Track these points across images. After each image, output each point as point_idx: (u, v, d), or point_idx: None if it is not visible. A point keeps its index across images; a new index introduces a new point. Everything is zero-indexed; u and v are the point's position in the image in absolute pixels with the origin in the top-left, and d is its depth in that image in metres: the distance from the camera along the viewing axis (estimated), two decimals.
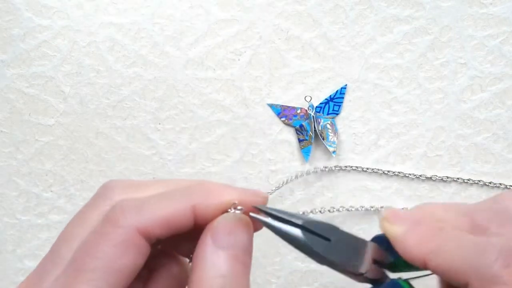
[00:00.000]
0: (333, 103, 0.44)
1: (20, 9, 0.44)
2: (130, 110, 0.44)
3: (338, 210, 0.45)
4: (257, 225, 0.27)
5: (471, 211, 0.27)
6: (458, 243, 0.25)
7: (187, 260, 0.31)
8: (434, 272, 0.25)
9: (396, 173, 0.44)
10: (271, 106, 0.44)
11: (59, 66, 0.44)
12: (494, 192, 0.45)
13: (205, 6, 0.44)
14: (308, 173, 0.44)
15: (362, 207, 0.44)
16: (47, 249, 0.27)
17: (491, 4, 0.44)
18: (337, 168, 0.44)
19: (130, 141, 0.44)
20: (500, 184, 0.44)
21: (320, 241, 0.26)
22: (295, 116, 0.44)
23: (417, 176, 0.44)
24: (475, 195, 0.45)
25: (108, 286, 0.25)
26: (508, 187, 0.44)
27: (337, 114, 0.44)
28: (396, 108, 0.45)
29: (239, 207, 0.27)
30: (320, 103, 0.44)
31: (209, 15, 0.44)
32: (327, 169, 0.44)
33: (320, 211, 0.44)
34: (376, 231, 0.43)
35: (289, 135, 0.44)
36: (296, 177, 0.44)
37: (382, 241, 0.28)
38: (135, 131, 0.44)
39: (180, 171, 0.44)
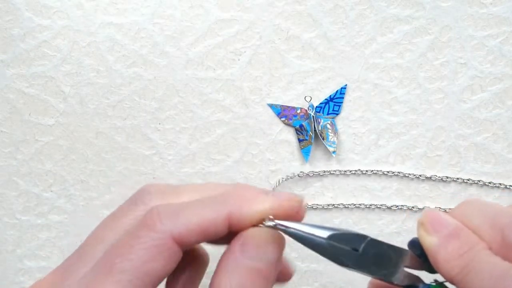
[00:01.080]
0: (333, 103, 0.44)
1: (20, 9, 0.44)
2: (130, 110, 0.44)
3: (336, 207, 0.45)
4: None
5: (503, 224, 0.26)
6: (483, 267, 0.25)
7: (208, 255, 0.32)
8: None
9: (396, 173, 0.44)
10: (271, 106, 0.44)
11: (59, 66, 0.44)
12: (494, 192, 0.45)
13: (205, 6, 0.44)
14: (306, 175, 0.44)
15: (362, 204, 0.44)
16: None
17: (491, 4, 0.44)
18: (338, 172, 0.44)
19: (130, 141, 0.44)
20: (500, 184, 0.44)
21: (348, 252, 0.26)
22: (295, 116, 0.44)
23: (417, 176, 0.44)
24: (474, 195, 0.45)
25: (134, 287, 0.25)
26: (508, 187, 0.44)
27: (337, 114, 0.44)
28: (396, 108, 0.45)
29: (271, 222, 0.26)
30: (320, 103, 0.44)
31: (209, 15, 0.44)
32: (327, 173, 0.44)
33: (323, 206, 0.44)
34: (377, 231, 0.43)
35: (289, 135, 0.44)
36: (292, 176, 0.44)
37: (417, 246, 0.28)
38: (135, 131, 0.44)
39: (180, 171, 0.44)
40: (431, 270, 0.28)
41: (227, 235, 0.27)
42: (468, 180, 0.44)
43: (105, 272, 0.25)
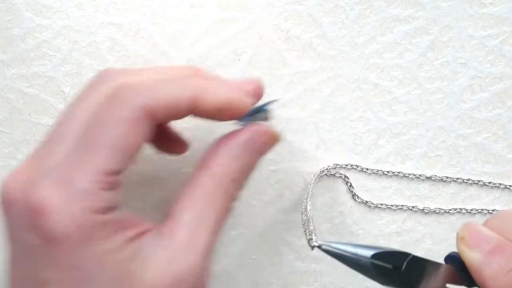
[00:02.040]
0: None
1: (20, 9, 0.44)
2: None
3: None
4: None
5: None
6: None
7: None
8: None
9: (396, 173, 0.44)
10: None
11: (59, 66, 0.44)
12: (494, 192, 0.45)
13: (205, 6, 0.44)
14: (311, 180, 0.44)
15: (361, 199, 0.44)
16: None
17: (491, 4, 0.44)
18: (337, 166, 0.44)
19: None
20: (500, 184, 0.44)
21: (390, 270, 0.26)
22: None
23: (417, 176, 0.44)
24: (474, 195, 0.45)
25: (116, 161, 0.26)
26: (508, 187, 0.44)
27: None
28: (396, 108, 0.45)
29: (315, 242, 0.28)
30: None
31: (209, 15, 0.44)
32: (327, 171, 0.44)
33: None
34: (377, 231, 0.43)
35: (289, 135, 0.44)
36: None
37: (458, 261, 0.28)
38: None
39: (180, 171, 0.44)
40: (471, 284, 0.27)
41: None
42: (468, 180, 0.44)
43: (86, 148, 0.26)
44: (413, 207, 0.44)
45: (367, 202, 0.44)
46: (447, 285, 0.28)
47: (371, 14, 0.44)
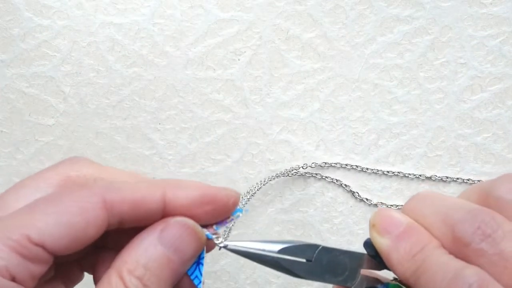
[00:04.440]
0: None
1: (20, 9, 0.44)
2: (130, 110, 0.44)
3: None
4: (210, 247, 0.28)
5: (455, 220, 0.25)
6: (436, 268, 0.24)
7: None
8: None
9: (396, 173, 0.44)
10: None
11: (59, 66, 0.44)
12: None
13: (205, 6, 0.44)
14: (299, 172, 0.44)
15: (359, 195, 0.44)
16: None
17: (491, 4, 0.44)
18: (339, 165, 0.44)
19: (130, 141, 0.44)
20: None
21: (300, 264, 0.26)
22: None
23: (417, 176, 0.44)
24: None
25: (50, 236, 0.24)
26: None
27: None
28: (396, 108, 0.45)
29: (220, 242, 0.27)
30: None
31: (209, 15, 0.44)
32: (327, 165, 0.44)
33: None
34: None
35: (289, 135, 0.44)
36: (286, 173, 0.44)
37: (372, 246, 0.28)
38: (135, 131, 0.44)
39: (180, 171, 0.44)
40: (387, 269, 0.27)
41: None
42: (468, 180, 0.44)
43: (31, 211, 0.25)
44: None
45: (367, 199, 0.44)
46: (366, 270, 0.28)
47: (371, 14, 0.44)
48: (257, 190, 0.44)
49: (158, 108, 0.44)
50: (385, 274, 0.28)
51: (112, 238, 0.28)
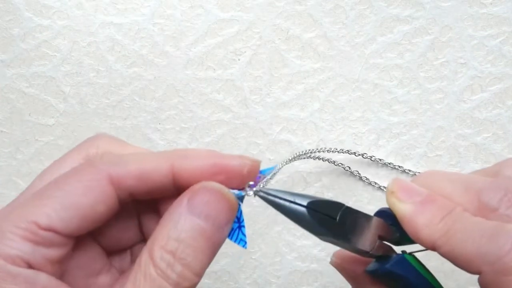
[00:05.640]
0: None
1: (20, 9, 0.44)
2: (130, 110, 0.44)
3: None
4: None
5: (478, 188, 0.25)
6: (470, 228, 0.24)
7: None
8: (444, 257, 0.25)
9: (397, 167, 0.44)
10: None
11: (59, 66, 0.44)
12: None
13: (205, 6, 0.44)
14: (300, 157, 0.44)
15: (366, 178, 0.44)
16: None
17: (491, 4, 0.44)
18: (340, 165, 0.44)
19: (130, 141, 0.44)
20: None
21: (325, 220, 0.26)
22: None
23: (417, 174, 0.44)
24: None
25: (58, 218, 0.24)
26: None
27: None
28: (396, 108, 0.45)
29: (250, 190, 0.25)
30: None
31: (209, 15, 0.44)
32: (323, 150, 0.44)
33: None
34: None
35: (289, 135, 0.44)
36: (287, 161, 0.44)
37: (387, 215, 0.27)
38: (135, 131, 0.44)
39: None
40: (402, 236, 0.27)
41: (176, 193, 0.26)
42: None
43: (35, 197, 0.25)
44: None
45: (375, 183, 0.44)
46: (379, 240, 0.27)
47: (371, 14, 0.44)
48: (278, 171, 0.41)
49: (158, 108, 0.44)
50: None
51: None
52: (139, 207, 0.28)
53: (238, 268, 0.44)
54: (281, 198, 0.26)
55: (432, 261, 0.32)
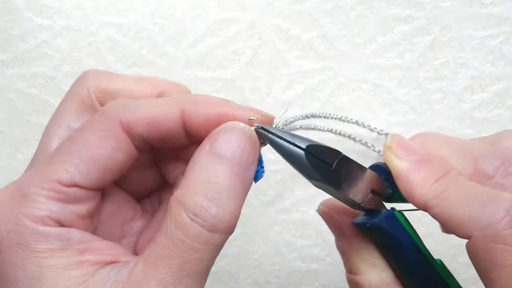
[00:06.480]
0: None
1: (20, 9, 0.44)
2: None
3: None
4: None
5: (476, 154, 0.25)
6: (464, 191, 0.24)
7: None
8: (434, 218, 0.25)
9: None
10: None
11: (59, 66, 0.44)
12: None
13: (205, 6, 0.44)
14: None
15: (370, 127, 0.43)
16: None
17: (491, 4, 0.44)
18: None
19: None
20: None
21: (321, 165, 0.26)
22: None
23: None
24: None
25: (79, 173, 0.24)
26: None
27: None
28: (396, 108, 0.45)
29: (253, 124, 0.25)
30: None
31: (209, 15, 0.44)
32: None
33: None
34: None
35: None
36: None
37: (382, 170, 0.27)
38: None
39: None
40: (393, 192, 0.27)
41: (188, 142, 0.26)
42: None
43: (53, 157, 0.25)
44: None
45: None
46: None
47: (371, 14, 0.44)
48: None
49: None
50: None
51: None
52: (159, 153, 0.29)
53: (238, 268, 0.44)
54: (280, 138, 0.25)
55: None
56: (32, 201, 0.24)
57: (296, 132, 0.30)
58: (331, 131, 0.43)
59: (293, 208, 0.44)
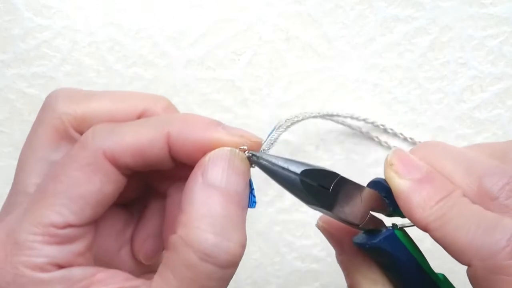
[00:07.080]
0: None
1: (20, 9, 0.44)
2: None
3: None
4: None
5: (481, 171, 0.24)
6: (467, 216, 0.23)
7: None
8: (435, 241, 0.24)
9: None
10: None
11: (59, 66, 0.44)
12: None
13: (205, 6, 0.44)
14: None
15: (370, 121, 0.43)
16: None
17: (491, 4, 0.44)
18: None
19: None
20: None
21: (318, 190, 0.25)
22: None
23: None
24: None
25: (71, 212, 0.23)
26: None
27: None
28: (396, 108, 0.45)
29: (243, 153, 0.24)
30: None
31: (209, 15, 0.44)
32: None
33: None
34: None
35: (289, 135, 0.44)
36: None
37: (382, 187, 0.27)
38: None
39: None
40: (394, 210, 0.27)
41: (174, 165, 0.25)
42: None
43: (39, 198, 0.24)
44: None
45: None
46: (371, 212, 0.26)
47: (371, 14, 0.44)
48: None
49: None
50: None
51: None
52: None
53: (238, 268, 0.44)
54: (274, 164, 0.25)
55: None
56: (28, 248, 0.23)
57: (309, 120, 0.29)
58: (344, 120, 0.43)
59: (293, 208, 0.44)
